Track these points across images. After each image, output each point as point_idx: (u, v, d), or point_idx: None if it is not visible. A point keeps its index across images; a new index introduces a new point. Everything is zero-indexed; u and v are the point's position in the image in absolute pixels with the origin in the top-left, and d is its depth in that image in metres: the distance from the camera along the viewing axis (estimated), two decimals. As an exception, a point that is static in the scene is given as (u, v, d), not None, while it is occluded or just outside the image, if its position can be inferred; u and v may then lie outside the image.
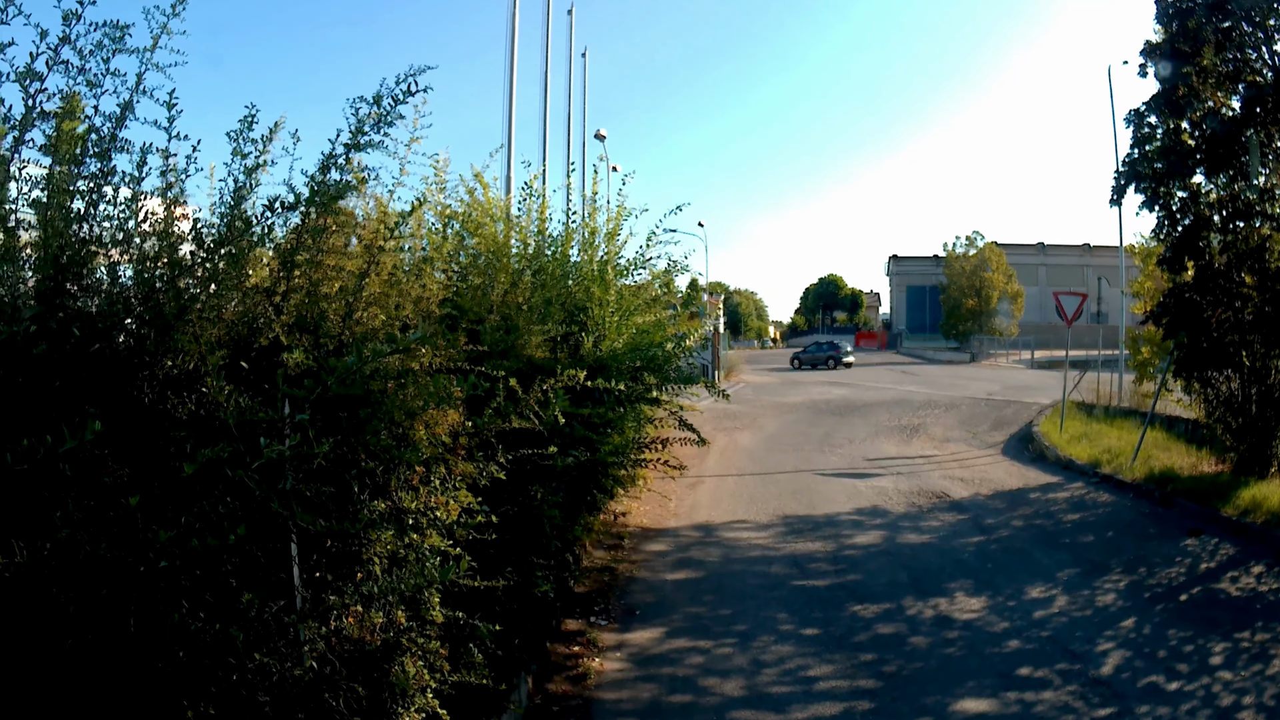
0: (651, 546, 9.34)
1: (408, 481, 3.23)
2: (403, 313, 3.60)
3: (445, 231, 6.30)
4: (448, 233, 6.30)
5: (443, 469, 3.39)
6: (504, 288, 5.69)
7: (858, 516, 10.77)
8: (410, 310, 3.61)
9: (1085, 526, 10.66)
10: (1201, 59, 11.00)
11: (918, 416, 21.02)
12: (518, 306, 5.68)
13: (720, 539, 9.69)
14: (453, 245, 6.17)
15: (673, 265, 8.36)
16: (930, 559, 8.92)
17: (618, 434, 7.37)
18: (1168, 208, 11.67)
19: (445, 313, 4.44)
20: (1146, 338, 15.01)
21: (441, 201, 6.50)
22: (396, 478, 3.18)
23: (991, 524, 10.62)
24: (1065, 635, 6.89)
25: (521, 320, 5.46)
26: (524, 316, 5.57)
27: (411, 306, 3.62)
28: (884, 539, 9.68)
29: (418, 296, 3.70)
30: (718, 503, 11.46)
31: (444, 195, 6.34)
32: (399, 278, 3.67)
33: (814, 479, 13.32)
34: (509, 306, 5.59)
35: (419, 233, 4.62)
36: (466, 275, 6.18)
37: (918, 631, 6.90)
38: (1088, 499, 12.30)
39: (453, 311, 4.94)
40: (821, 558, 8.86)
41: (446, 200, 6.64)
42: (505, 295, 5.67)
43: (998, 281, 53.27)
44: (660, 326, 8.55)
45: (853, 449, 16.54)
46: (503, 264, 6.16)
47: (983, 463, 15.36)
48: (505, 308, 5.57)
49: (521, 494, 4.68)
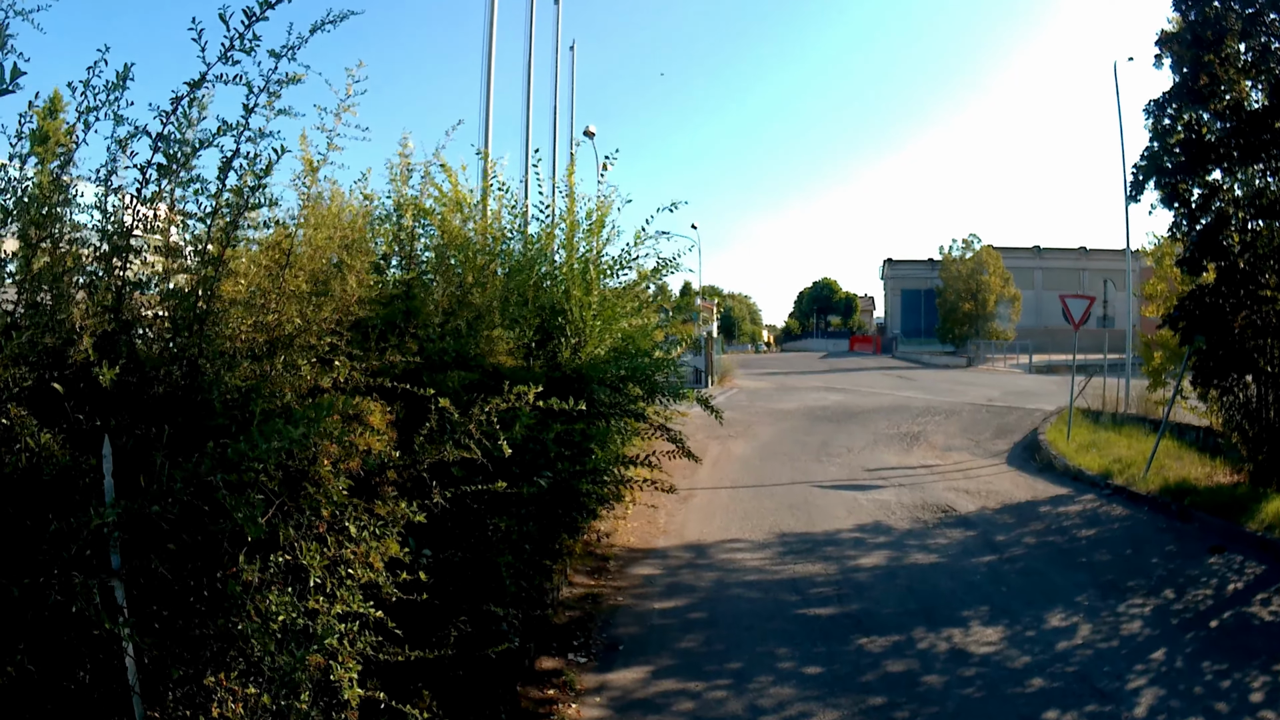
0: (639, 569, 8.60)
1: (311, 529, 2.53)
2: (320, 315, 2.91)
3: (399, 222, 5.62)
4: (401, 222, 5.61)
5: (363, 512, 2.69)
6: (450, 287, 4.99)
7: (860, 534, 10.09)
8: (329, 312, 2.91)
9: (1102, 543, 10.02)
10: (1224, 47, 10.38)
11: (917, 424, 20.36)
12: (485, 307, 4.99)
13: (713, 560, 8.96)
14: (405, 237, 5.49)
15: (663, 264, 7.59)
16: (940, 582, 8.24)
17: (600, 448, 6.69)
18: (1187, 204, 11.04)
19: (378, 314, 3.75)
20: (1159, 342, 14.39)
21: (404, 192, 5.84)
22: (292, 526, 2.48)
23: (1002, 541, 9.96)
24: (1092, 670, 6.25)
25: (483, 326, 4.76)
26: (485, 321, 4.87)
27: (331, 308, 2.92)
28: (889, 559, 8.99)
29: (340, 296, 2.99)
30: (710, 519, 10.75)
31: (408, 185, 5.68)
32: (274, 278, 2.95)
33: (812, 492, 12.63)
34: (471, 308, 4.89)
35: (355, 224, 3.90)
36: (426, 273, 5.51)
37: (931, 669, 6.22)
38: (1101, 513, 11.67)
39: (397, 314, 4.25)
40: (823, 581, 8.15)
41: (412, 192, 6.00)
42: (466, 294, 4.97)
43: (995, 285, 52.62)
44: (646, 332, 7.86)
45: (851, 458, 15.87)
46: (468, 259, 5.46)
47: (987, 473, 14.71)
48: (469, 309, 4.87)
49: (476, 531, 3.98)
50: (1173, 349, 14.08)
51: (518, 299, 5.92)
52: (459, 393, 3.21)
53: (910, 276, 76.61)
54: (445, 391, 3.14)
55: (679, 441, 7.28)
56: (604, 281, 7.07)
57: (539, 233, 7.01)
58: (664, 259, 7.43)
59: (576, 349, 6.49)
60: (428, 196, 5.84)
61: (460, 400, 2.98)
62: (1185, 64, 10.74)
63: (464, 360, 4.38)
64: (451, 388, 3.34)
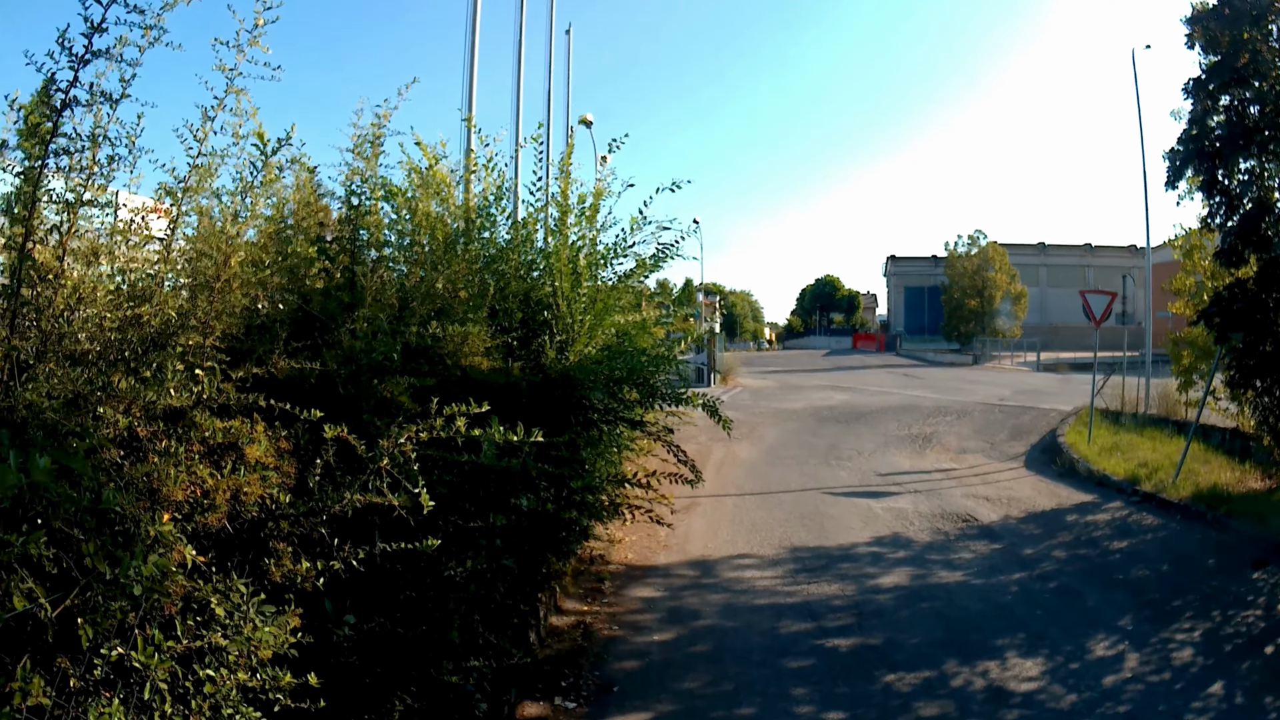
0: (637, 591, 7.79)
1: (157, 612, 1.78)
2: (202, 308, 2.17)
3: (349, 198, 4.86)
4: (355, 201, 4.85)
5: (241, 581, 1.95)
6: (413, 276, 4.24)
7: (877, 548, 9.32)
8: (205, 302, 2.17)
9: (1137, 558, 9.28)
10: (1267, 21, 9.61)
11: (928, 424, 19.58)
12: (449, 298, 4.23)
13: (719, 580, 8.15)
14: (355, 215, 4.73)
15: (663, 251, 6.71)
16: (969, 605, 7.49)
17: (593, 464, 5.93)
18: (1225, 192, 10.27)
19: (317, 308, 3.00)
20: (1188, 340, 13.59)
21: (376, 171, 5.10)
22: (112, 611, 1.73)
23: (1031, 555, 9.22)
24: (1146, 710, 5.57)
25: (450, 321, 3.99)
26: (451, 315, 4.11)
27: (206, 298, 2.17)
28: (912, 578, 8.22)
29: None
30: (715, 530, 9.96)
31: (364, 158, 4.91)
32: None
33: (823, 499, 11.86)
34: (434, 298, 4.13)
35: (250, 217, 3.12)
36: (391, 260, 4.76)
37: (969, 711, 5.47)
38: (1131, 522, 10.93)
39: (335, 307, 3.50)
40: (842, 606, 7.38)
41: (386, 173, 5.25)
42: (431, 283, 4.20)
43: (1001, 281, 51.68)
44: (645, 327, 7.06)
45: (862, 462, 15.10)
46: (434, 242, 4.71)
47: (1007, 478, 13.95)
48: (431, 301, 4.10)
49: (430, 575, 3.23)
50: (1203, 347, 13.30)
51: (497, 290, 5.17)
52: (397, 408, 2.47)
53: (913, 273, 75.92)
54: (380, 405, 2.41)
55: (684, 458, 6.49)
56: (598, 272, 6.27)
57: (526, 217, 6.22)
58: (664, 245, 6.57)
59: (564, 348, 5.71)
60: (396, 170, 5.10)
61: (392, 418, 2.25)
62: (1222, 43, 9.97)
63: (425, 361, 3.63)
64: (392, 399, 2.60)
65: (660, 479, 5.98)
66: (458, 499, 3.08)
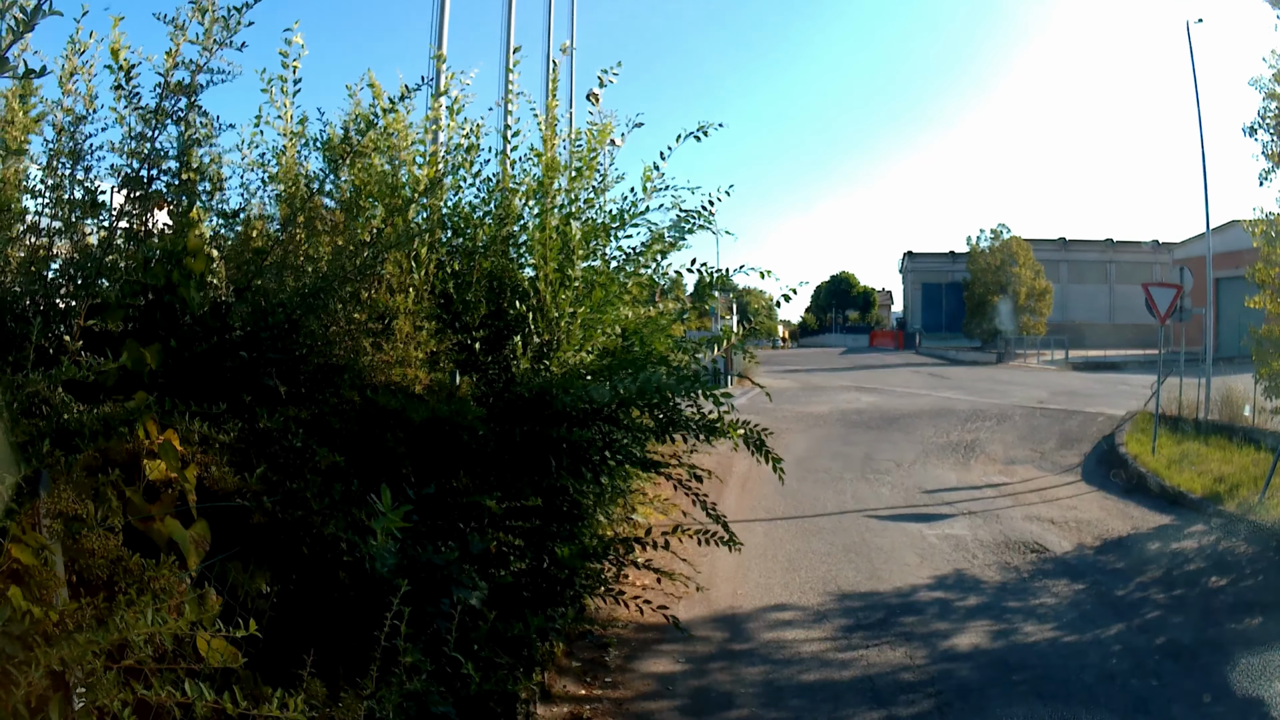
0: (650, 665, 6.10)
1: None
2: None
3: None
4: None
5: None
6: (290, 251, 2.82)
7: (941, 592, 7.81)
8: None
9: (1248, 600, 7.81)
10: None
11: (968, 431, 18.03)
12: (335, 280, 2.81)
13: (754, 644, 6.56)
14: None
15: (685, 217, 5.01)
16: (1068, 674, 5.99)
17: (600, 510, 4.47)
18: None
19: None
20: (1272, 339, 12.01)
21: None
22: None
23: (1124, 598, 7.75)
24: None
25: (343, 315, 2.57)
26: (354, 307, 2.70)
27: None
28: (992, 637, 6.70)
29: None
30: (745, 569, 8.40)
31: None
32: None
33: (868, 525, 10.35)
34: (313, 278, 2.71)
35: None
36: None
37: None
38: (1223, 550, 9.44)
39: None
40: (913, 681, 5.79)
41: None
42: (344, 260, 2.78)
43: (1026, 277, 49.72)
44: (661, 325, 5.45)
45: (903, 475, 13.59)
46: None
47: (1067, 494, 12.43)
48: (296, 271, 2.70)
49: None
50: (1293, 347, 11.73)
51: (454, 271, 3.75)
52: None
53: (931, 270, 74.24)
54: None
55: (715, 512, 4.99)
56: (598, 247, 4.71)
57: (500, 178, 4.67)
58: (686, 212, 4.98)
59: (544, 353, 4.20)
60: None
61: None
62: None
63: (283, 375, 2.23)
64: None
65: (681, 535, 4.50)
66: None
